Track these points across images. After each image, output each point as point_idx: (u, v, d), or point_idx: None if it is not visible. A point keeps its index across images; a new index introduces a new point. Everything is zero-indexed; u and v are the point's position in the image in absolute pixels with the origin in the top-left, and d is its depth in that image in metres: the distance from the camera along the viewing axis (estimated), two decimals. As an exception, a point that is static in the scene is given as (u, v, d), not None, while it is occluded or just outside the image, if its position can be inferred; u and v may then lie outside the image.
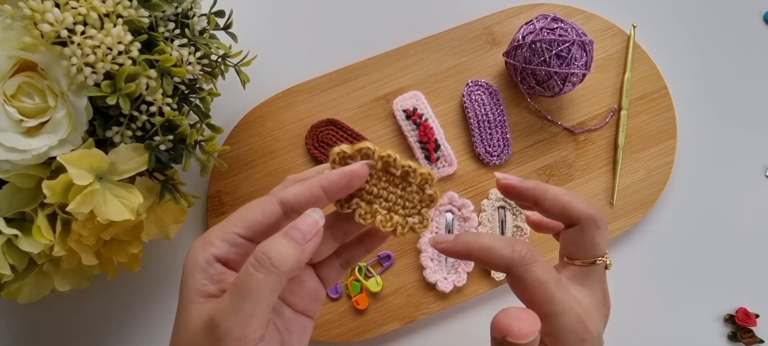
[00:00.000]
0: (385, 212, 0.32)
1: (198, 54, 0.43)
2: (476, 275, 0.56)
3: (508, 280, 0.31)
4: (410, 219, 0.32)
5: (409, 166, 0.32)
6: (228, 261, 0.30)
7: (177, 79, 0.42)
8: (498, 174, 0.35)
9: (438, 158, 0.58)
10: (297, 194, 0.30)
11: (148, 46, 0.41)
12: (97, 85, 0.38)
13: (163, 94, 0.41)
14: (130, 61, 0.39)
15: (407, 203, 0.32)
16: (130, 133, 0.41)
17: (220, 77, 0.49)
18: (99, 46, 0.37)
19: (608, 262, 0.34)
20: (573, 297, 0.30)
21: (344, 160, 0.31)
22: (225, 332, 0.26)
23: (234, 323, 0.26)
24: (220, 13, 0.48)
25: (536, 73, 0.54)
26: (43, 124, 0.39)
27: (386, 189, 0.32)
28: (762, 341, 0.56)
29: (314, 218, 0.29)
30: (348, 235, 0.34)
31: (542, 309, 0.29)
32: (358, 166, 0.30)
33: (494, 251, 0.31)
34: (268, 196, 0.30)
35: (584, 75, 0.54)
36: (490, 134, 0.58)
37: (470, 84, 0.59)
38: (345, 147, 0.31)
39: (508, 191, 0.35)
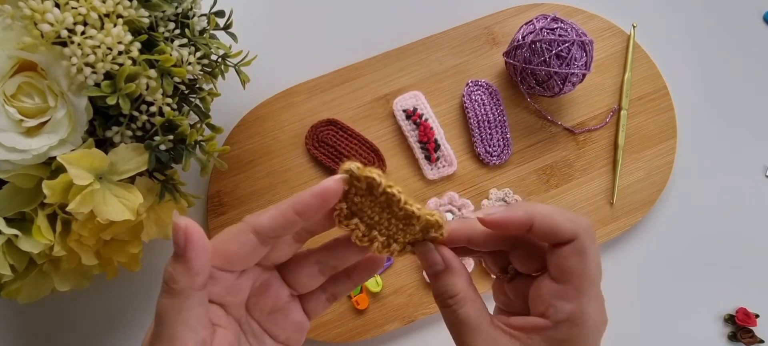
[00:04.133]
0: (384, 238, 0.31)
1: (198, 54, 0.43)
2: (476, 275, 0.56)
3: (550, 253, 0.30)
4: (409, 246, 0.31)
5: (413, 212, 0.29)
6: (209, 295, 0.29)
7: (177, 79, 0.42)
8: (479, 215, 0.30)
9: (438, 158, 0.58)
10: (270, 220, 0.28)
11: (148, 46, 0.41)
12: (97, 85, 0.38)
13: (163, 94, 0.41)
14: (130, 61, 0.39)
15: (408, 236, 0.31)
16: (130, 133, 0.41)
17: (220, 77, 0.49)
18: (99, 46, 0.37)
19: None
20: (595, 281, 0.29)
21: (351, 179, 0.29)
22: None
23: None
24: (220, 13, 0.48)
25: (536, 73, 0.54)
26: (43, 124, 0.39)
27: (388, 220, 0.30)
28: (762, 341, 0.56)
29: (197, 231, 0.27)
30: (336, 269, 0.33)
31: (581, 284, 0.28)
32: (331, 184, 0.28)
33: (558, 218, 0.28)
34: (242, 224, 0.29)
35: (584, 75, 0.54)
36: (490, 134, 0.58)
37: (470, 84, 0.59)
38: (352, 166, 0.29)
39: (498, 227, 0.30)
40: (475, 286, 0.31)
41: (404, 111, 0.58)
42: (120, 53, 0.38)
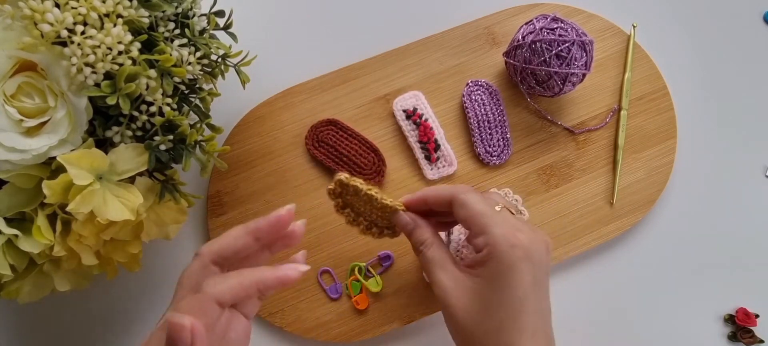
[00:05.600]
0: (367, 222, 0.46)
1: (198, 54, 0.43)
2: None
3: (454, 209, 0.41)
4: (387, 230, 0.47)
5: (386, 205, 0.44)
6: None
7: (177, 79, 0.42)
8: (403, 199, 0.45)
9: (438, 158, 0.58)
10: (230, 290, 0.35)
11: (148, 46, 0.41)
12: (97, 85, 0.38)
13: (163, 94, 0.41)
14: (130, 61, 0.39)
15: (386, 222, 0.46)
16: (130, 133, 0.41)
17: (220, 77, 0.49)
18: (99, 46, 0.37)
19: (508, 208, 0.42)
20: (503, 217, 0.40)
21: (343, 185, 0.44)
22: None
23: None
24: (220, 13, 0.48)
25: (536, 73, 0.54)
26: (43, 124, 0.39)
27: (370, 210, 0.45)
28: (762, 341, 0.56)
29: (201, 331, 0.32)
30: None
31: (479, 222, 0.39)
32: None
33: (442, 189, 0.42)
34: (203, 296, 0.35)
35: (584, 75, 0.54)
36: (490, 134, 0.58)
37: (470, 84, 0.59)
38: (342, 176, 0.44)
39: (409, 206, 0.44)
40: (440, 238, 0.43)
41: (404, 111, 0.58)
42: (120, 53, 0.38)
